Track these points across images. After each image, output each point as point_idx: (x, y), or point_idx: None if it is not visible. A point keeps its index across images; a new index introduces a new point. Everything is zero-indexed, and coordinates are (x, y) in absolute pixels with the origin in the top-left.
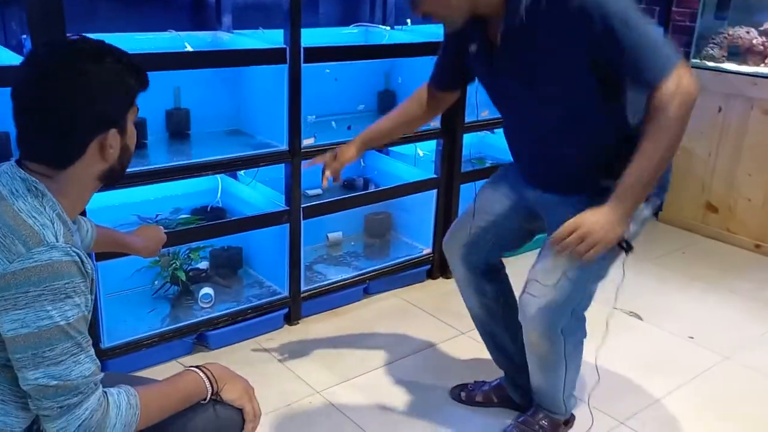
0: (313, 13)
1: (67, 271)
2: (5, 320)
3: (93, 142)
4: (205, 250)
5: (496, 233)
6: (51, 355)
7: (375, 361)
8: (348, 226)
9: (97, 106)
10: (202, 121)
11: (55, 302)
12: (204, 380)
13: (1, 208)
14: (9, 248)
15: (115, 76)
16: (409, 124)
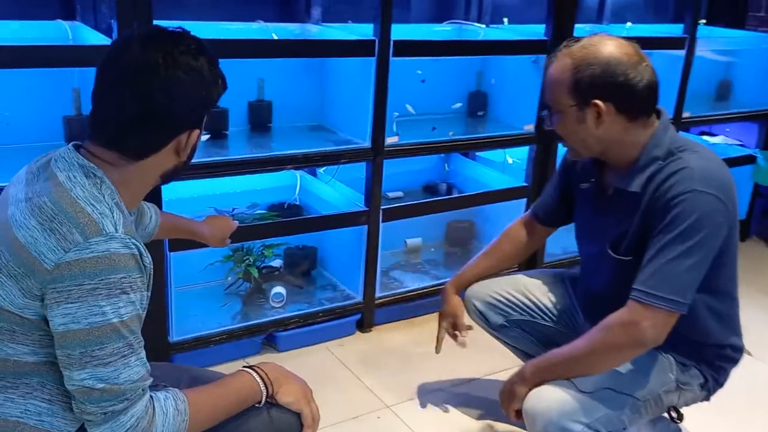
0: (405, 8)
1: (125, 264)
2: (57, 313)
3: (175, 139)
4: (280, 247)
5: (528, 319)
6: (100, 354)
7: (451, 377)
8: (429, 232)
9: (192, 102)
10: (284, 115)
11: (109, 297)
12: (258, 382)
13: (59, 194)
14: (65, 236)
15: (209, 77)
16: (502, 264)
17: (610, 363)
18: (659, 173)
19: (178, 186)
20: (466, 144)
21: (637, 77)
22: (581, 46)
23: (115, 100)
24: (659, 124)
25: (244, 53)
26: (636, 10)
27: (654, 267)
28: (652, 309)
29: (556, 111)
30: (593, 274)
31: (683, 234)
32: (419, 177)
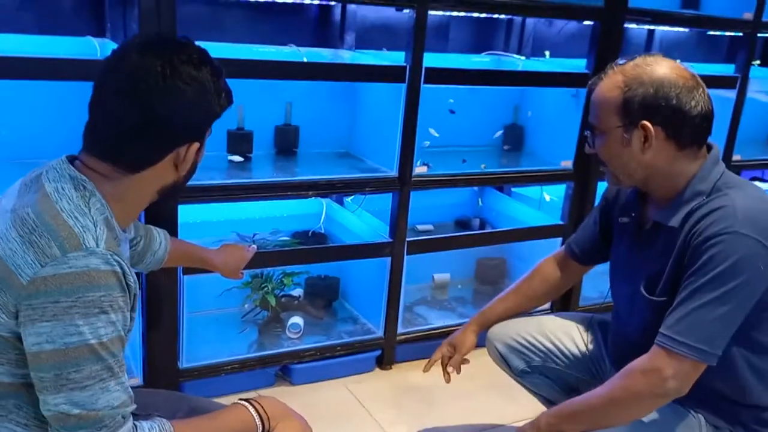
0: (443, 38)
1: (105, 282)
2: (31, 332)
3: (174, 151)
4: (300, 276)
5: (552, 365)
6: (76, 377)
7: (472, 421)
8: (458, 268)
9: (191, 114)
10: (311, 141)
11: (87, 317)
12: (254, 417)
13: (43, 206)
14: (43, 249)
15: (211, 88)
16: (532, 303)
17: (629, 414)
18: (700, 209)
19: (200, 209)
20: (498, 178)
21: (691, 102)
22: (635, 64)
23: (112, 108)
24: (709, 158)
25: (271, 74)
26: (686, 48)
27: (683, 311)
28: (677, 357)
29: (601, 132)
30: (625, 317)
31: (718, 278)
32: (451, 211)
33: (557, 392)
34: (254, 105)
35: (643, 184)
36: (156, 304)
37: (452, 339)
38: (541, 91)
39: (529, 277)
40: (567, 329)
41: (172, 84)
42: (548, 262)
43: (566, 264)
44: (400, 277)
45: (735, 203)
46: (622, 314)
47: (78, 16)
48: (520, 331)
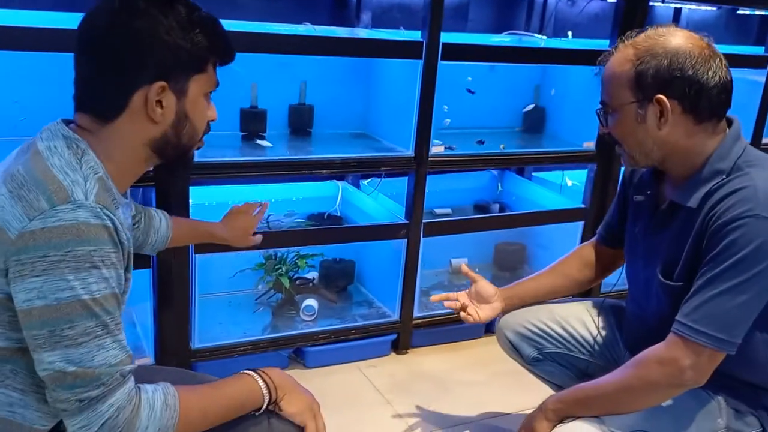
0: (462, 18)
1: (95, 235)
2: (21, 288)
3: (137, 93)
4: (314, 258)
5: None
6: (70, 334)
7: (486, 409)
8: (475, 254)
9: (146, 51)
10: (326, 121)
11: (78, 271)
12: (261, 386)
13: (33, 162)
14: (31, 203)
15: (176, 27)
16: (568, 287)
17: (643, 403)
18: (719, 189)
19: (214, 191)
20: (518, 158)
21: (708, 73)
22: (646, 36)
23: (77, 54)
24: (729, 133)
25: (284, 48)
26: (714, 28)
27: (701, 299)
28: (695, 346)
29: (613, 109)
30: (641, 300)
31: (738, 265)
32: (470, 195)
33: (571, 379)
34: (268, 83)
35: (661, 163)
36: (167, 284)
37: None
38: (562, 71)
39: (566, 258)
40: (579, 314)
41: (120, 19)
42: (585, 246)
43: (599, 249)
44: (416, 260)
45: (756, 184)
46: (638, 298)
47: None
48: (531, 318)
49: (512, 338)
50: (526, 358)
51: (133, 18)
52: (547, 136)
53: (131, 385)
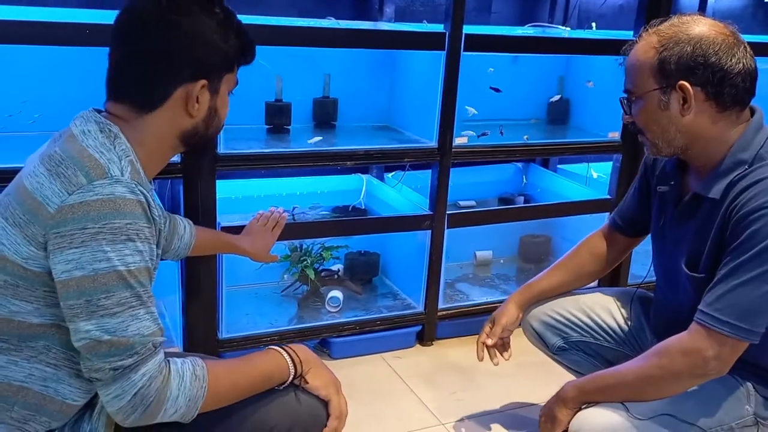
0: (486, 11)
1: (131, 210)
2: (60, 260)
3: (179, 88)
4: (339, 250)
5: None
6: (106, 303)
7: (512, 400)
8: (500, 246)
9: (193, 50)
10: (349, 113)
11: (114, 243)
12: (287, 360)
13: (69, 143)
14: (69, 179)
15: (218, 29)
16: (580, 279)
17: (665, 392)
18: (742, 180)
19: (240, 185)
20: (542, 149)
21: (732, 60)
22: (670, 24)
23: (120, 46)
24: (751, 123)
25: (308, 41)
26: (742, 18)
27: (723, 288)
28: (718, 336)
29: (637, 97)
30: (667, 290)
31: (761, 255)
32: (495, 188)
33: (597, 368)
34: (292, 77)
35: (683, 152)
36: (195, 276)
37: (492, 314)
38: (586, 61)
39: (575, 251)
40: (604, 303)
41: (169, 16)
42: (594, 236)
43: (612, 237)
44: (440, 251)
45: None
46: (665, 288)
47: None
48: (556, 307)
49: (537, 327)
50: (552, 348)
51: (180, 16)
52: (571, 127)
53: (162, 357)
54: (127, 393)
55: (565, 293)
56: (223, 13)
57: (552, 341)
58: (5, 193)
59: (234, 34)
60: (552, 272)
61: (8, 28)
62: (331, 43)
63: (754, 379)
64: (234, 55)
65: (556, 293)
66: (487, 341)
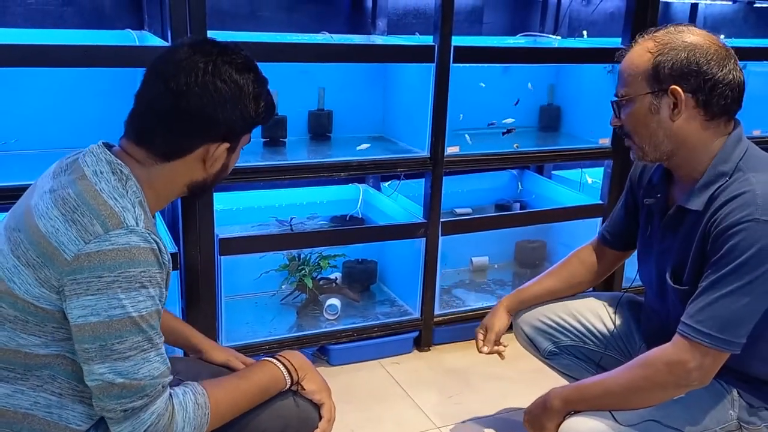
0: (477, 22)
1: (144, 258)
2: (75, 305)
3: (203, 146)
4: (337, 259)
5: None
6: (120, 348)
7: (508, 404)
8: (496, 252)
9: (226, 115)
10: (344, 125)
11: (129, 291)
12: (283, 372)
13: (82, 186)
14: (86, 227)
15: (252, 97)
16: (570, 287)
17: (649, 402)
18: (722, 193)
19: (239, 196)
20: (533, 157)
21: (723, 71)
22: (666, 32)
23: (153, 95)
24: (731, 135)
25: (302, 57)
26: (733, 23)
27: (705, 301)
28: (701, 348)
29: (629, 100)
30: (654, 301)
31: (740, 268)
32: (491, 195)
33: (588, 372)
34: (287, 90)
35: (668, 158)
36: (194, 286)
37: (484, 321)
38: (576, 70)
39: (566, 260)
40: (594, 308)
41: (210, 80)
42: (585, 248)
43: (602, 251)
44: (435, 258)
45: (755, 188)
46: (652, 298)
47: (118, 10)
48: (546, 312)
49: (529, 332)
50: (543, 352)
51: (217, 79)
52: (563, 134)
53: (167, 394)
54: (137, 430)
55: (556, 298)
56: (258, 80)
57: (543, 346)
58: (14, 228)
59: (265, 103)
60: (543, 280)
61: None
62: (323, 59)
63: (738, 385)
64: (260, 122)
65: (546, 300)
66: (483, 350)
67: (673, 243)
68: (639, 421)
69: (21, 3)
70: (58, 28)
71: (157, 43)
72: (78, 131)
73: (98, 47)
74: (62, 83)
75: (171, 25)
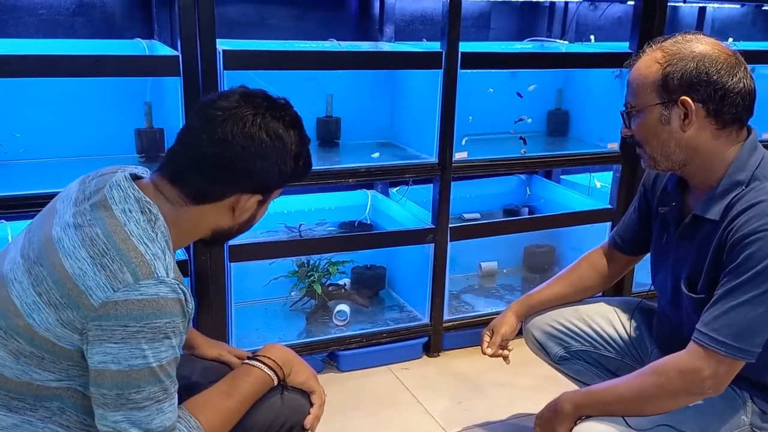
0: (484, 27)
1: (171, 309)
2: (98, 351)
3: (234, 195)
4: (346, 265)
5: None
6: (137, 398)
7: (518, 410)
8: (505, 257)
9: (263, 170)
10: (353, 132)
11: (152, 341)
12: (269, 374)
13: (112, 228)
14: (116, 274)
15: (292, 151)
16: (579, 293)
17: (662, 409)
18: (738, 202)
19: None
20: (541, 162)
21: (733, 79)
22: (674, 41)
23: (196, 137)
24: (746, 143)
25: (311, 64)
26: (741, 26)
27: (721, 309)
28: (716, 356)
29: (639, 110)
30: (668, 309)
31: (756, 278)
32: (499, 200)
33: (599, 377)
34: (296, 97)
35: (682, 167)
36: (204, 292)
37: (491, 324)
38: (584, 74)
39: (576, 265)
40: (605, 313)
41: (256, 133)
42: (595, 252)
43: (612, 255)
44: (444, 264)
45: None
46: (665, 305)
47: (128, 20)
48: (557, 317)
49: (539, 337)
50: (554, 357)
51: (263, 132)
52: (571, 138)
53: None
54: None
55: (567, 303)
56: (302, 139)
57: (554, 351)
58: (35, 261)
59: (304, 162)
60: (552, 284)
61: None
62: (331, 66)
63: (751, 391)
64: (296, 179)
65: (556, 305)
66: (487, 351)
67: (689, 251)
68: (651, 426)
69: (32, 13)
70: (69, 38)
71: (167, 53)
72: (88, 140)
73: (108, 57)
74: (73, 92)
75: (180, 34)
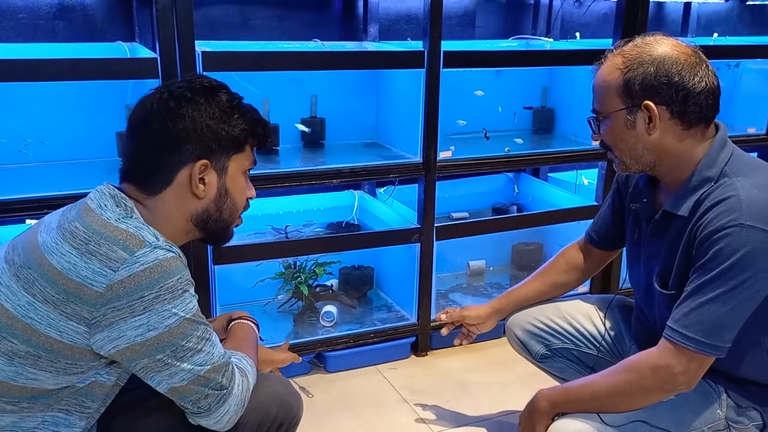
0: (469, 26)
1: (176, 266)
2: (126, 328)
3: (182, 171)
4: (332, 266)
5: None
6: (190, 345)
7: (504, 408)
8: (493, 255)
9: (191, 135)
10: (337, 132)
11: (174, 299)
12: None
13: (89, 219)
14: (108, 255)
15: (219, 113)
16: (555, 290)
17: (635, 405)
18: (707, 198)
19: None
20: (526, 159)
21: (695, 79)
22: (634, 45)
23: (130, 135)
24: (715, 140)
25: (293, 65)
26: (726, 21)
27: (690, 305)
28: (686, 352)
29: (605, 116)
30: (643, 304)
31: (725, 273)
32: (487, 199)
33: (580, 374)
34: (280, 99)
35: (652, 169)
36: None
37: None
38: (569, 72)
39: (552, 262)
40: (585, 310)
41: (164, 102)
42: (571, 247)
43: (588, 250)
44: (430, 263)
45: (740, 193)
46: (640, 302)
47: (109, 23)
48: (537, 315)
49: (521, 336)
50: (535, 355)
51: (180, 105)
52: (556, 136)
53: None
54: (233, 406)
55: (547, 301)
56: (227, 98)
57: (535, 349)
58: (21, 265)
59: (238, 115)
60: (529, 282)
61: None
62: (315, 66)
63: (726, 385)
64: (239, 135)
65: (533, 302)
66: (442, 316)
67: (660, 247)
68: (626, 422)
69: (12, 18)
70: (50, 41)
71: (147, 55)
72: (70, 144)
73: (85, 60)
74: (54, 96)
75: (158, 36)
